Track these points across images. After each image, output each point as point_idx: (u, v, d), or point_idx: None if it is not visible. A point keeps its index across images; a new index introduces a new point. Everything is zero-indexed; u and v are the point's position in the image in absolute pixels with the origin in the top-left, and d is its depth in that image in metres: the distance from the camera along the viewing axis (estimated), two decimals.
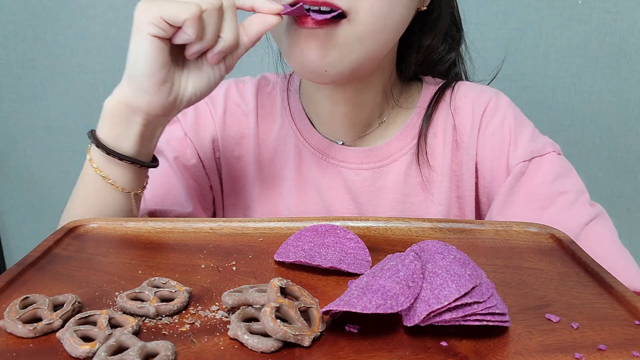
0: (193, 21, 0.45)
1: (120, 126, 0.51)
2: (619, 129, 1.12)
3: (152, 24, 0.45)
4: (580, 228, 0.56)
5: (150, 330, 0.32)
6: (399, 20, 0.55)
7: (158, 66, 0.47)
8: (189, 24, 0.45)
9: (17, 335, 0.31)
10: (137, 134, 0.51)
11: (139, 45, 0.46)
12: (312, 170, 0.66)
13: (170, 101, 0.50)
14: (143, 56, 0.47)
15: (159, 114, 0.50)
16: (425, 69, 0.69)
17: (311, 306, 0.32)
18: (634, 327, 0.33)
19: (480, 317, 0.31)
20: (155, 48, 0.46)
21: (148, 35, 0.46)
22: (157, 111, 0.50)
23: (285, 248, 0.42)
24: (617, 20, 1.05)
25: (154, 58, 0.47)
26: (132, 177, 0.53)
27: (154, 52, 0.46)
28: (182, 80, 0.50)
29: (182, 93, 0.50)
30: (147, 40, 0.46)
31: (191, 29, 0.45)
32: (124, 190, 0.53)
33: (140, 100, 0.49)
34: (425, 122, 0.65)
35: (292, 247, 0.42)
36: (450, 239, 0.46)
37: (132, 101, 0.49)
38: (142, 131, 0.51)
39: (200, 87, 0.51)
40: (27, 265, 0.40)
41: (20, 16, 1.22)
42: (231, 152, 0.69)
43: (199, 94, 0.51)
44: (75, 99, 1.26)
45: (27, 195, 1.37)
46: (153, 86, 0.48)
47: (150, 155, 0.55)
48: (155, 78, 0.48)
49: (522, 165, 0.61)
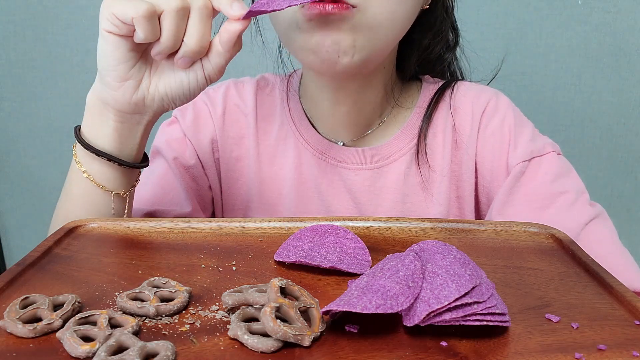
0: (140, 20, 0.43)
1: (96, 121, 0.51)
2: (619, 129, 1.12)
3: (106, 19, 0.44)
4: (580, 228, 0.56)
5: (150, 330, 0.32)
6: (407, 16, 0.55)
7: (116, 62, 0.46)
8: (138, 22, 0.43)
9: (17, 335, 0.31)
10: (112, 129, 0.50)
11: (100, 41, 0.46)
12: (311, 170, 0.66)
13: (137, 99, 0.48)
14: (101, 51, 0.47)
15: (127, 111, 0.49)
16: (424, 68, 0.69)
17: (311, 306, 0.32)
18: (634, 327, 0.33)
19: (480, 317, 0.31)
20: (110, 44, 0.46)
21: (103, 31, 0.45)
22: (124, 108, 0.49)
23: (285, 248, 0.42)
24: (617, 20, 1.05)
25: (110, 54, 0.46)
26: (113, 176, 0.52)
27: (109, 48, 0.46)
28: (153, 80, 0.49)
29: (152, 93, 0.49)
30: (103, 35, 0.46)
31: (140, 28, 0.43)
32: (104, 188, 0.52)
33: (106, 95, 0.49)
34: (425, 122, 0.65)
35: (292, 247, 0.42)
36: (450, 239, 0.46)
37: (102, 95, 0.49)
38: (116, 127, 0.50)
39: (172, 90, 0.49)
40: (27, 265, 0.40)
41: (20, 16, 1.21)
42: (230, 153, 0.69)
43: (172, 97, 0.49)
44: (75, 99, 1.26)
45: (27, 195, 1.37)
46: (114, 81, 0.47)
47: (133, 155, 0.53)
48: (115, 73, 0.47)
49: (521, 165, 0.61)
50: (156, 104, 0.50)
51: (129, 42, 0.46)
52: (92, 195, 0.52)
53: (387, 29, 0.53)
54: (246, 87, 0.70)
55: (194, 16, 0.45)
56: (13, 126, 1.31)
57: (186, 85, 0.49)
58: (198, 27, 0.45)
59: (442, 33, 0.65)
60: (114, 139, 0.51)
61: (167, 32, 0.44)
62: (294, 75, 0.71)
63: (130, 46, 0.46)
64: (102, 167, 0.52)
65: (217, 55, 0.47)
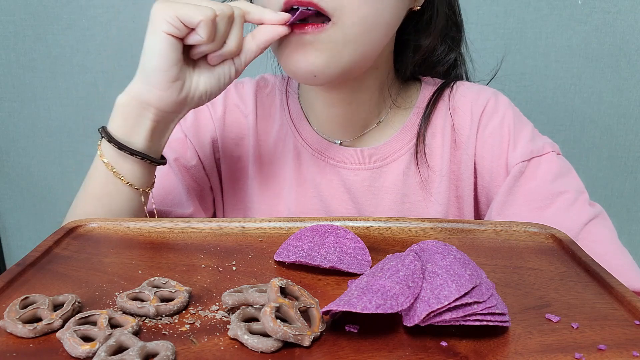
0: (206, 24, 0.47)
1: (131, 121, 0.52)
2: (619, 129, 1.12)
3: (167, 22, 0.47)
4: (580, 228, 0.56)
5: (150, 330, 0.32)
6: (388, 20, 0.55)
7: (170, 63, 0.49)
8: (203, 25, 0.47)
9: (17, 335, 0.31)
10: (148, 129, 0.52)
11: (154, 42, 0.49)
12: (310, 170, 0.66)
13: (181, 98, 0.51)
14: (157, 53, 0.49)
15: (170, 110, 0.52)
16: (425, 69, 0.69)
17: (311, 306, 0.32)
18: (634, 327, 0.33)
19: (480, 317, 0.31)
20: (169, 45, 0.48)
21: (163, 33, 0.48)
22: (168, 107, 0.51)
23: (285, 248, 0.42)
24: (617, 20, 1.05)
25: (167, 55, 0.49)
26: (141, 174, 0.54)
27: (167, 50, 0.48)
28: (194, 78, 0.52)
29: (194, 91, 0.52)
30: (161, 37, 0.48)
31: (204, 31, 0.48)
32: (133, 186, 0.53)
33: (151, 96, 0.50)
34: (424, 122, 0.65)
35: (292, 247, 0.42)
36: (450, 239, 0.46)
37: (144, 96, 0.51)
38: (153, 127, 0.52)
39: (211, 87, 0.53)
40: (27, 265, 0.40)
41: (20, 16, 1.21)
42: (231, 153, 0.69)
43: (209, 93, 0.53)
44: (75, 99, 1.26)
45: (27, 195, 1.37)
46: (165, 82, 0.50)
47: (159, 153, 0.56)
48: (168, 75, 0.49)
49: (521, 165, 0.61)
50: (195, 101, 0.53)
51: (181, 46, 0.49)
52: (120, 193, 0.54)
53: (368, 37, 0.54)
54: (246, 88, 0.70)
55: (237, 21, 0.51)
56: (13, 126, 1.31)
57: (222, 81, 0.53)
58: (238, 33, 0.51)
59: (441, 34, 0.64)
60: (147, 138, 0.53)
61: (220, 35, 0.50)
62: None
63: (181, 48, 0.50)
64: (133, 166, 0.53)
65: (249, 52, 0.53)
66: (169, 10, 0.47)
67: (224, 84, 0.54)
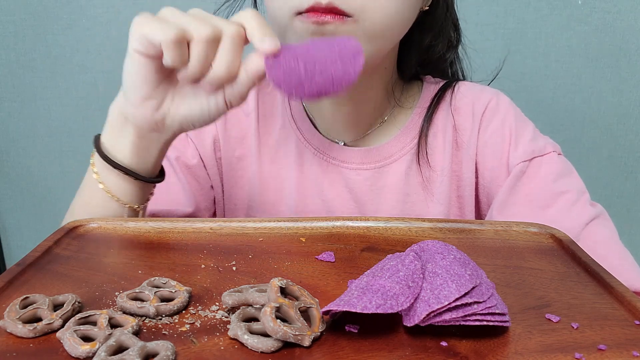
0: (169, 45, 0.42)
1: (115, 133, 0.50)
2: (619, 129, 1.12)
3: (136, 40, 0.44)
4: (580, 228, 0.56)
5: (150, 330, 0.32)
6: (404, 21, 0.55)
7: (140, 81, 0.46)
8: (166, 47, 0.42)
9: (17, 335, 0.31)
10: (131, 143, 0.50)
11: (126, 59, 0.46)
12: (312, 170, 0.66)
13: (157, 119, 0.48)
14: (127, 69, 0.46)
15: (146, 128, 0.49)
16: (425, 68, 0.69)
17: (311, 306, 0.32)
18: (634, 327, 0.33)
19: (480, 317, 0.31)
20: (137, 63, 0.45)
21: (132, 51, 0.45)
22: (143, 125, 0.48)
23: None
24: (617, 20, 1.05)
25: (136, 72, 0.46)
26: (130, 190, 0.52)
27: (135, 67, 0.45)
28: (175, 102, 0.48)
29: (173, 115, 0.48)
30: (131, 54, 0.45)
31: (167, 54, 0.43)
32: (119, 200, 0.52)
33: (127, 111, 0.48)
34: (426, 122, 0.65)
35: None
36: (450, 239, 0.46)
37: (123, 110, 0.49)
38: (134, 142, 0.50)
39: (192, 114, 0.48)
40: (27, 265, 0.40)
41: (20, 16, 1.21)
42: (232, 152, 0.69)
43: (191, 120, 0.48)
44: (75, 99, 1.26)
45: (27, 195, 1.37)
46: (136, 99, 0.47)
47: (150, 171, 0.53)
48: (139, 92, 0.46)
49: (522, 165, 0.61)
50: (175, 125, 0.49)
51: (155, 63, 0.45)
52: (108, 206, 0.52)
53: (384, 36, 0.54)
54: None
55: (224, 44, 0.43)
56: (13, 126, 1.31)
57: (206, 111, 0.47)
58: (228, 56, 0.43)
59: (443, 33, 0.65)
60: (131, 153, 0.51)
61: (195, 59, 0.43)
62: None
63: (156, 67, 0.45)
64: (119, 180, 0.51)
65: (242, 84, 0.45)
66: (139, 27, 0.43)
67: (212, 115, 0.48)
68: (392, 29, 0.54)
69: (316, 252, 0.43)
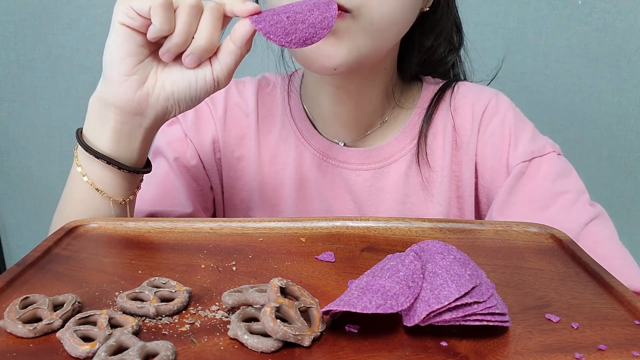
0: (157, 8, 0.44)
1: (96, 123, 0.50)
2: (619, 129, 1.12)
3: (122, 12, 0.45)
4: (580, 228, 0.56)
5: (150, 330, 0.32)
6: (403, 20, 0.55)
7: (123, 54, 0.46)
8: (155, 11, 0.44)
9: (17, 335, 0.31)
10: (111, 130, 0.50)
11: (110, 35, 0.47)
12: (312, 170, 0.66)
13: (140, 96, 0.48)
14: (111, 44, 0.47)
15: (129, 109, 0.48)
16: (426, 69, 0.69)
17: (311, 306, 0.32)
18: (634, 327, 0.33)
19: (480, 317, 0.31)
20: (122, 35, 0.46)
21: (117, 23, 0.46)
22: (126, 105, 0.48)
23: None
24: (617, 20, 1.05)
25: (120, 45, 0.46)
26: (112, 181, 0.51)
27: (120, 39, 0.46)
28: (159, 78, 0.48)
29: (158, 92, 0.48)
30: (115, 28, 0.46)
31: (156, 18, 0.44)
32: (103, 193, 0.51)
33: (108, 93, 0.48)
34: (425, 123, 0.65)
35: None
36: (450, 239, 0.46)
37: (103, 94, 0.49)
38: (115, 128, 0.49)
39: (179, 89, 0.48)
40: (27, 265, 0.40)
41: (20, 16, 1.21)
42: (232, 153, 0.69)
43: (177, 97, 0.49)
44: (75, 99, 1.26)
45: (27, 195, 1.37)
46: (119, 75, 0.47)
47: (134, 160, 0.52)
48: (121, 67, 0.47)
49: (522, 166, 0.61)
50: (160, 104, 0.49)
51: (140, 37, 0.46)
52: (92, 200, 0.52)
53: (383, 34, 0.54)
54: (247, 87, 0.70)
55: (206, 15, 0.46)
56: (13, 126, 1.31)
57: (194, 86, 0.48)
58: (209, 26, 0.46)
59: (444, 34, 0.65)
60: (113, 141, 0.50)
61: (180, 26, 0.45)
62: (295, 75, 0.71)
63: (140, 41, 0.47)
64: (102, 171, 0.51)
65: (228, 54, 0.48)
66: (125, 2, 0.45)
67: (198, 91, 0.49)
68: (391, 27, 0.54)
69: (316, 252, 0.43)
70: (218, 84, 0.49)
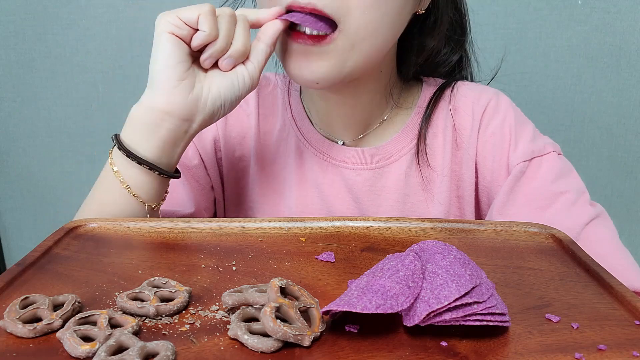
0: (206, 16, 0.49)
1: (142, 131, 0.51)
2: (619, 129, 1.12)
3: (169, 22, 0.49)
4: (580, 228, 0.56)
5: (150, 330, 0.32)
6: (393, 24, 0.55)
7: (175, 61, 0.50)
8: (203, 19, 0.49)
9: (17, 335, 0.31)
10: (159, 138, 0.51)
11: (158, 45, 0.50)
12: (313, 170, 0.66)
13: (191, 100, 0.51)
14: (161, 53, 0.50)
15: (180, 114, 0.51)
16: (428, 70, 0.69)
17: (311, 306, 0.32)
18: (634, 327, 0.33)
19: (480, 317, 0.31)
20: (171, 44, 0.49)
21: (165, 33, 0.49)
22: (177, 110, 0.50)
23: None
24: (617, 20, 1.05)
25: (170, 53, 0.49)
26: (150, 186, 0.53)
27: (169, 48, 0.49)
28: (206, 83, 0.52)
29: (206, 94, 0.52)
30: (164, 37, 0.49)
31: (205, 24, 0.49)
32: (139, 199, 0.52)
33: (159, 100, 0.50)
34: (425, 123, 0.65)
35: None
36: (450, 239, 0.46)
37: (153, 103, 0.51)
38: (164, 135, 0.51)
39: (225, 90, 0.52)
40: (27, 265, 0.40)
41: (20, 16, 1.21)
42: (232, 153, 0.69)
43: (224, 97, 0.52)
44: (75, 99, 1.26)
45: (27, 195, 1.37)
46: (171, 81, 0.50)
47: (171, 165, 0.54)
48: (173, 73, 0.50)
49: (522, 165, 0.61)
50: (208, 107, 0.52)
51: (185, 46, 0.50)
52: (125, 205, 0.53)
53: (370, 42, 0.54)
54: None
55: (240, 23, 0.52)
56: (13, 126, 1.31)
57: (236, 86, 0.53)
58: (244, 32, 0.52)
59: (444, 37, 0.64)
60: (159, 148, 0.52)
61: (223, 32, 0.50)
62: None
63: (186, 50, 0.50)
64: (141, 176, 0.52)
65: (259, 53, 0.53)
66: (171, 14, 0.50)
67: (240, 89, 0.53)
68: (377, 35, 0.54)
69: (316, 252, 0.43)
70: (253, 82, 0.54)
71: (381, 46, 0.56)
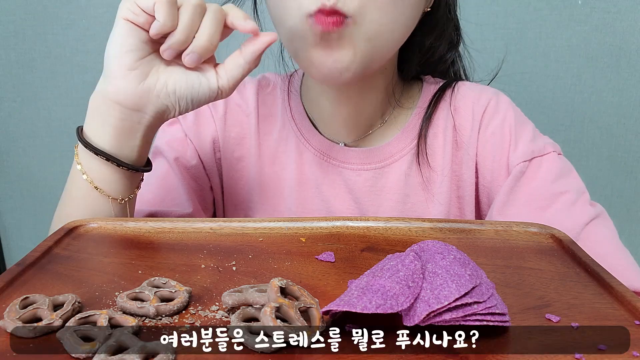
0: (162, 4, 0.45)
1: (96, 120, 0.51)
2: (619, 129, 1.12)
3: (126, 8, 0.47)
4: (580, 228, 0.56)
5: (150, 330, 0.32)
6: (406, 22, 0.55)
7: (126, 49, 0.47)
8: (159, 7, 0.45)
9: (17, 335, 0.31)
10: (112, 127, 0.50)
11: (113, 31, 0.48)
12: (313, 170, 0.66)
13: (141, 91, 0.48)
14: (114, 39, 0.48)
15: (129, 104, 0.49)
16: (426, 68, 0.69)
17: (311, 306, 0.32)
18: (634, 327, 0.33)
19: (480, 317, 0.31)
20: (125, 30, 0.47)
21: (120, 19, 0.47)
22: (126, 99, 0.48)
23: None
24: (617, 20, 1.05)
25: (123, 40, 0.47)
26: (112, 178, 0.51)
27: (122, 35, 0.47)
28: (162, 76, 0.49)
29: (159, 88, 0.49)
30: (119, 23, 0.47)
31: (160, 14, 0.45)
32: (101, 191, 0.51)
33: (109, 88, 0.49)
34: (425, 123, 0.65)
35: None
36: (450, 239, 0.46)
37: (103, 89, 0.49)
38: (116, 124, 0.50)
39: (180, 89, 0.49)
40: (27, 265, 0.40)
41: (20, 16, 1.22)
42: (232, 153, 0.69)
43: (179, 95, 0.50)
44: (75, 99, 1.26)
45: (27, 195, 1.37)
46: (121, 69, 0.48)
47: (134, 158, 0.52)
48: (123, 61, 0.48)
49: (522, 166, 0.61)
50: (160, 101, 0.50)
51: (143, 34, 0.47)
52: (91, 199, 0.52)
53: (386, 38, 0.54)
54: (247, 87, 0.70)
55: (208, 15, 0.47)
56: (13, 126, 1.31)
57: (196, 88, 0.50)
58: (210, 26, 0.47)
59: (445, 34, 0.65)
60: (113, 138, 0.50)
61: (183, 23, 0.46)
62: (295, 75, 0.71)
63: (143, 37, 0.48)
64: (101, 168, 0.51)
65: (235, 67, 0.50)
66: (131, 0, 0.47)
67: (200, 93, 0.50)
68: (393, 30, 0.54)
69: (316, 252, 0.43)
70: (221, 92, 0.51)
71: (395, 42, 0.56)
